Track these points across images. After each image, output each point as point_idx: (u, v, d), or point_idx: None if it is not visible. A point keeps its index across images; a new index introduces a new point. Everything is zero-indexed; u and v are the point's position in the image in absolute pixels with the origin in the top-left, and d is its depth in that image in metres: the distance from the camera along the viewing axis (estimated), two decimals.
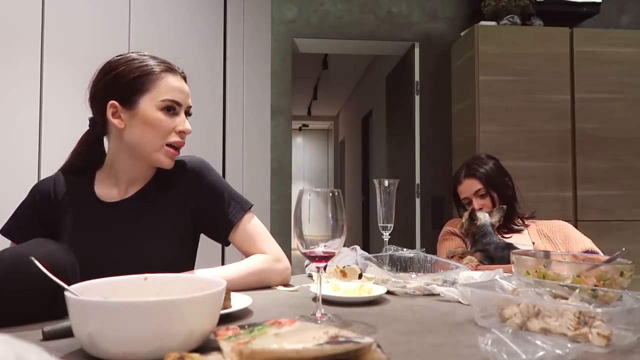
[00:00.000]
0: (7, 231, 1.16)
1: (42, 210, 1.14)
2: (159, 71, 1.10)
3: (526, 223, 1.91)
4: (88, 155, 1.19)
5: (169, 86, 1.10)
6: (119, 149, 1.13)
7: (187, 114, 1.16)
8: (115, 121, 1.09)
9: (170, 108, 1.10)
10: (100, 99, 1.11)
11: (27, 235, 1.02)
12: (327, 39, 3.46)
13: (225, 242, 1.20)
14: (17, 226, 1.15)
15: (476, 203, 1.87)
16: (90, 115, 1.16)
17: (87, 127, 1.19)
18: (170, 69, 1.13)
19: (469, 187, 1.89)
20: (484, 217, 1.71)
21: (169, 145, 1.11)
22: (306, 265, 1.35)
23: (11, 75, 2.05)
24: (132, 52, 1.14)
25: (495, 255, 1.62)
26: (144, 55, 1.13)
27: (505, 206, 1.78)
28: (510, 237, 1.84)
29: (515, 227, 1.89)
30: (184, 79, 1.16)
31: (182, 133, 1.12)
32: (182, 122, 1.12)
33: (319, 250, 0.81)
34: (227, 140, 2.30)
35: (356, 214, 7.06)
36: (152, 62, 1.11)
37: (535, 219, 1.94)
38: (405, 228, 3.53)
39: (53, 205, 1.14)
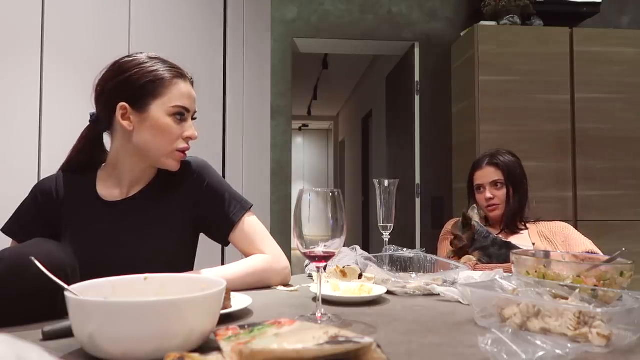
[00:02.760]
0: (8, 230, 1.16)
1: (44, 209, 1.14)
2: (170, 77, 1.11)
3: (527, 225, 1.91)
4: (89, 152, 1.18)
5: (180, 92, 1.11)
6: (124, 149, 1.14)
7: (192, 118, 1.17)
8: (125, 123, 1.10)
9: (180, 114, 1.11)
10: (108, 99, 1.11)
11: (29, 234, 1.03)
12: (327, 39, 3.46)
13: (225, 242, 1.20)
14: (19, 225, 1.15)
15: (489, 192, 1.87)
16: (91, 111, 1.16)
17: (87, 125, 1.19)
18: (180, 74, 1.13)
19: (488, 174, 1.88)
20: (475, 218, 1.71)
21: (178, 150, 1.12)
22: (306, 265, 1.35)
23: (11, 75, 2.05)
24: (141, 54, 1.14)
25: (493, 253, 1.62)
26: (154, 58, 1.13)
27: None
28: (508, 238, 1.84)
29: (517, 229, 1.89)
30: (192, 84, 1.17)
31: (188, 139, 1.13)
32: (190, 128, 1.14)
33: (319, 250, 0.81)
34: (227, 140, 2.30)
35: (356, 214, 7.06)
36: (163, 67, 1.11)
37: (538, 221, 1.94)
38: (405, 228, 3.53)
39: (55, 204, 1.14)
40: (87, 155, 1.18)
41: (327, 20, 3.43)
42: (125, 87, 1.09)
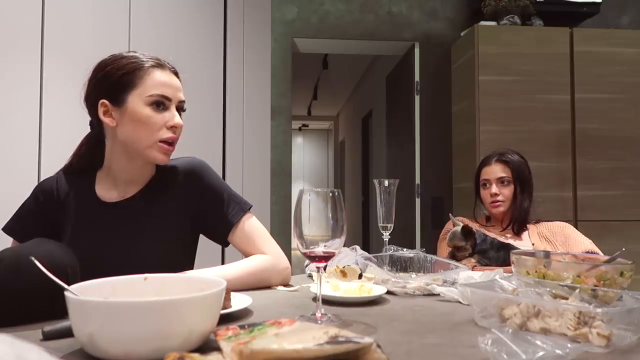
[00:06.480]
0: (10, 229, 1.16)
1: (45, 209, 1.14)
2: (146, 67, 1.09)
3: (527, 226, 1.91)
4: (89, 157, 1.19)
5: (157, 81, 1.08)
6: (114, 148, 1.13)
7: (181, 109, 1.14)
8: (107, 120, 1.09)
9: (159, 103, 1.08)
10: (92, 99, 1.11)
11: (30, 234, 1.03)
12: (327, 39, 3.46)
13: (224, 243, 1.20)
14: (20, 225, 1.16)
15: (495, 188, 1.88)
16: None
17: (87, 127, 1.19)
18: (158, 64, 1.11)
19: (497, 171, 1.90)
20: (475, 229, 1.71)
21: (162, 141, 1.09)
22: (306, 265, 1.35)
23: (11, 75, 2.05)
24: (124, 51, 1.13)
25: (492, 255, 1.62)
26: (134, 52, 1.12)
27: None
28: (509, 239, 1.83)
29: (520, 229, 1.89)
30: (175, 73, 1.14)
31: (173, 128, 1.10)
32: (172, 117, 1.10)
33: (319, 250, 0.81)
34: (227, 140, 2.30)
35: (356, 214, 7.06)
36: (139, 59, 1.10)
37: (539, 222, 1.94)
38: (405, 228, 3.53)
39: (56, 205, 1.14)
40: (88, 161, 1.19)
41: (327, 20, 3.43)
42: (103, 83, 1.09)
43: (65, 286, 0.67)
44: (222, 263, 2.11)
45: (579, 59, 2.99)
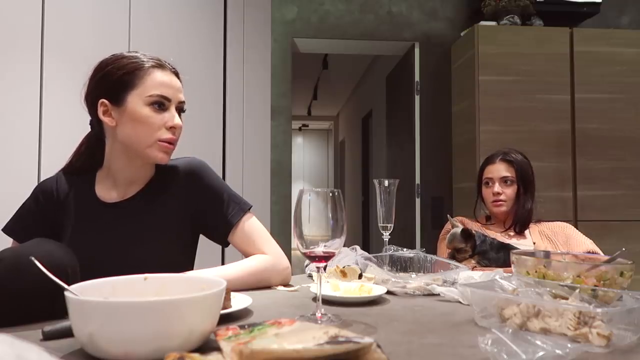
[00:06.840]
0: (10, 230, 1.16)
1: (45, 209, 1.15)
2: (147, 67, 1.09)
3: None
4: (89, 157, 1.19)
5: (157, 81, 1.08)
6: (114, 148, 1.13)
7: (181, 110, 1.14)
8: (107, 119, 1.09)
9: (159, 104, 1.08)
10: (92, 99, 1.11)
11: (30, 234, 1.03)
12: (327, 39, 3.46)
13: (224, 243, 1.20)
14: (20, 225, 1.16)
15: (498, 187, 1.88)
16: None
17: (88, 127, 1.20)
18: (158, 64, 1.11)
19: (500, 170, 1.90)
20: (475, 231, 1.70)
21: (162, 141, 1.09)
22: (306, 265, 1.35)
23: (11, 75, 2.05)
24: (125, 51, 1.13)
25: (492, 256, 1.61)
26: (134, 52, 1.12)
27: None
28: (511, 238, 1.83)
29: (521, 229, 1.89)
30: (176, 74, 1.14)
31: (172, 129, 1.10)
32: (172, 117, 1.10)
33: (319, 250, 0.81)
34: (227, 140, 2.30)
35: (356, 214, 7.06)
36: (140, 59, 1.10)
37: (540, 221, 1.94)
38: (405, 228, 3.53)
39: (56, 205, 1.14)
40: (88, 161, 1.19)
41: (327, 20, 3.43)
42: (103, 83, 1.09)
43: (65, 286, 0.67)
44: (222, 263, 2.11)
45: (579, 59, 2.99)
